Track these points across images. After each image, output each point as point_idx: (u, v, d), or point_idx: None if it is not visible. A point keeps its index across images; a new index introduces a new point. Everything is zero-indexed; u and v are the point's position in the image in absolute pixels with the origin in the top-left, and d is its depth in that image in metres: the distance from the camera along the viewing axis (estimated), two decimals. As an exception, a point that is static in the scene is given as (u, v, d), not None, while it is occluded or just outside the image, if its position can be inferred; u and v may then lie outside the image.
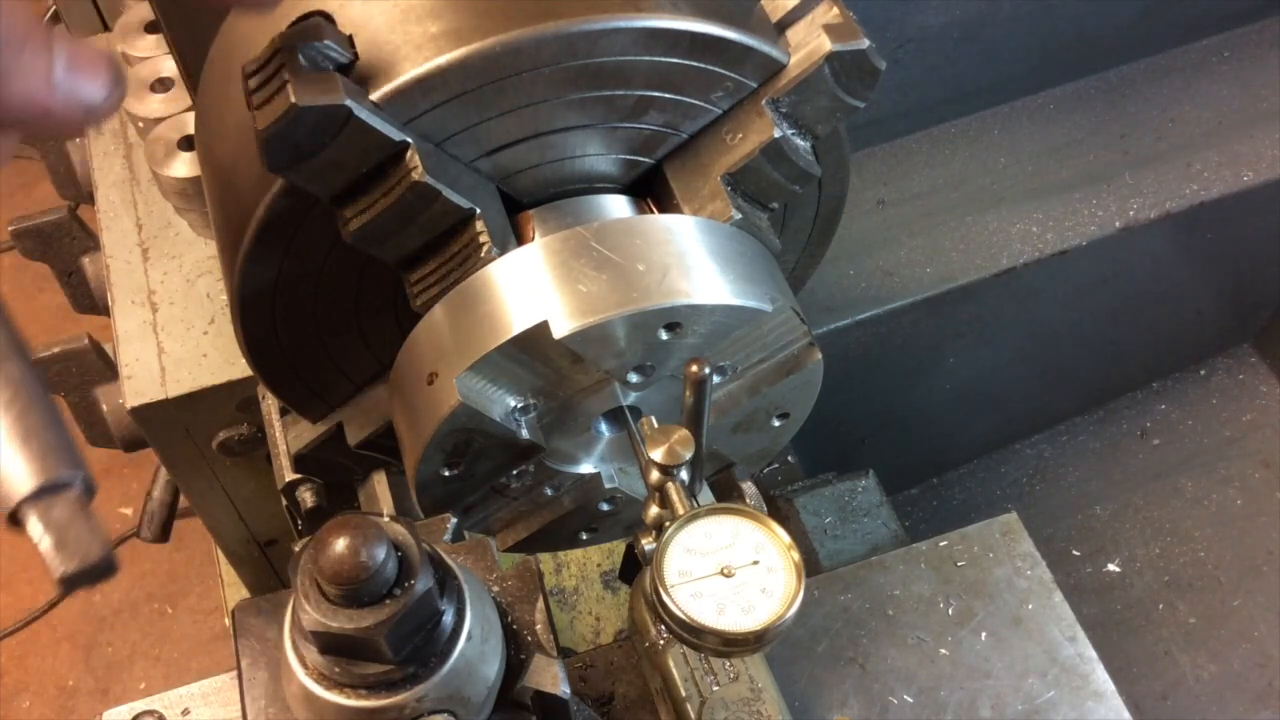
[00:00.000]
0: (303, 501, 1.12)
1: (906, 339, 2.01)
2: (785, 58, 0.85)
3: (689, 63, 0.83)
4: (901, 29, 1.92)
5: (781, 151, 0.86)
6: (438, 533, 0.87)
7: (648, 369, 0.84)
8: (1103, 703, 1.14)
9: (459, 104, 0.79)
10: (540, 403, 0.84)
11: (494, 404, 0.82)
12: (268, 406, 1.16)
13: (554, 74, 0.80)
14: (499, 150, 0.84)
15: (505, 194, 0.88)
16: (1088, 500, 2.43)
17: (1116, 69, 2.21)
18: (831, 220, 1.03)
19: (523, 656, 0.80)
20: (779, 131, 0.85)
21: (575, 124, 0.84)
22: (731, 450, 0.98)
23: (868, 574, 1.23)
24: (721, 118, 0.88)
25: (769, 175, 0.87)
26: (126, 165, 1.52)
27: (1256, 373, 2.55)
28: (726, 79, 0.85)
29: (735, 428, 0.94)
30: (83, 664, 2.69)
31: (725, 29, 0.82)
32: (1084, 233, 2.02)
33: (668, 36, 0.80)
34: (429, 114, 0.79)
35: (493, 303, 0.80)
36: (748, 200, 0.89)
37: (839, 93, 0.85)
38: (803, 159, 0.88)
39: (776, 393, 0.91)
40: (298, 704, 0.73)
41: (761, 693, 0.97)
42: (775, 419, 0.95)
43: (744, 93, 0.86)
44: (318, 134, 0.75)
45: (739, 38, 0.82)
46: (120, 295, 1.39)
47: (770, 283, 0.86)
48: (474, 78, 0.78)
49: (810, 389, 0.93)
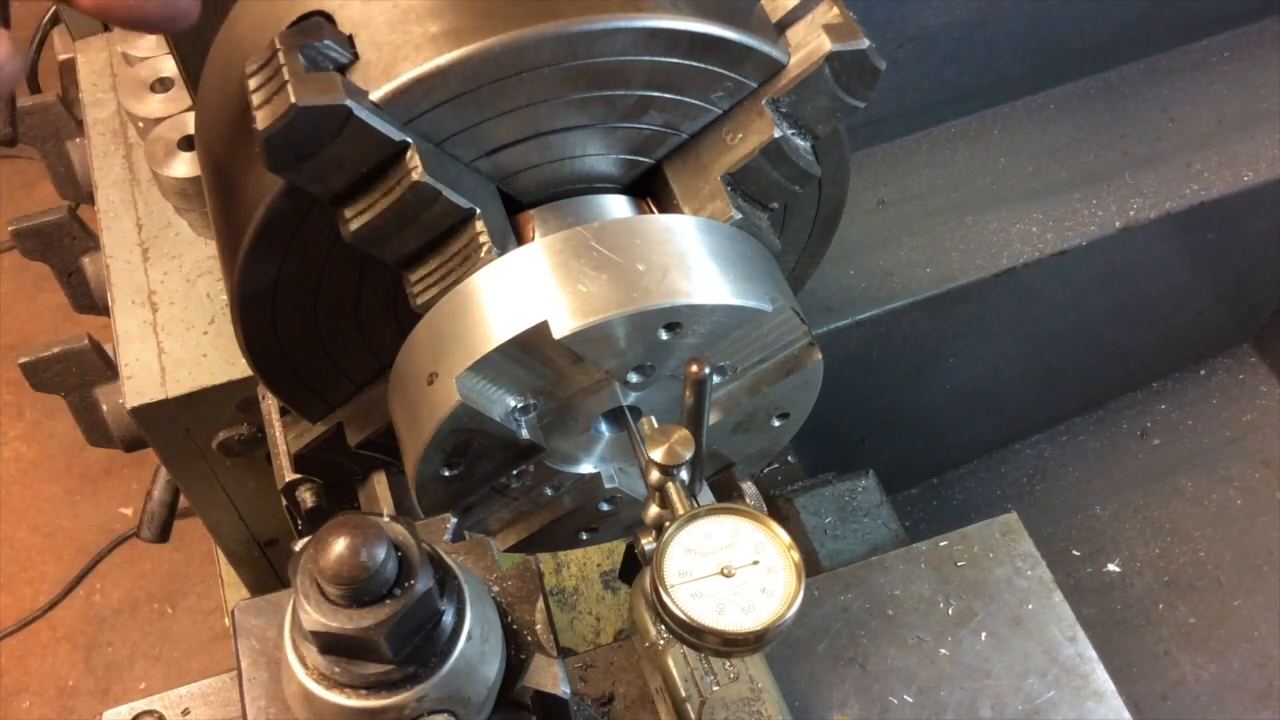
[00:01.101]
0: (303, 501, 1.12)
1: (906, 339, 2.01)
2: (785, 58, 0.85)
3: (689, 63, 0.82)
4: (901, 29, 1.92)
5: (781, 152, 0.86)
6: (438, 533, 0.86)
7: (648, 369, 0.84)
8: (1103, 703, 1.14)
9: (459, 104, 0.79)
10: (540, 403, 0.84)
11: (494, 404, 0.82)
12: (268, 406, 1.16)
13: (554, 74, 0.79)
14: (499, 150, 0.84)
15: (506, 194, 0.88)
16: (1088, 500, 2.43)
17: (1116, 69, 2.21)
18: (831, 220, 1.03)
19: (523, 656, 0.80)
20: (779, 131, 0.85)
21: (575, 124, 0.84)
22: (731, 450, 0.98)
23: (868, 574, 1.23)
24: (721, 118, 0.88)
25: (769, 175, 0.87)
26: (126, 165, 1.53)
27: (1256, 373, 2.55)
28: (726, 79, 0.85)
29: (735, 428, 0.94)
30: (83, 664, 2.69)
31: (725, 29, 0.82)
32: (1084, 233, 2.02)
33: (668, 36, 0.80)
34: (429, 114, 0.79)
35: (493, 303, 0.80)
36: (748, 200, 0.89)
37: (839, 93, 0.85)
38: (803, 159, 0.88)
39: (777, 393, 0.91)
40: (298, 704, 0.73)
41: (761, 693, 0.97)
42: (775, 419, 0.95)
43: (744, 93, 0.86)
44: (318, 134, 0.75)
45: (739, 38, 0.82)
46: (120, 295, 1.39)
47: (770, 283, 0.86)
48: (474, 78, 0.78)
49: (810, 389, 0.93)
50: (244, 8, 0.88)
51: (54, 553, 2.81)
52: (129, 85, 1.45)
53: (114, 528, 2.82)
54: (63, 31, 1.73)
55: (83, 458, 2.88)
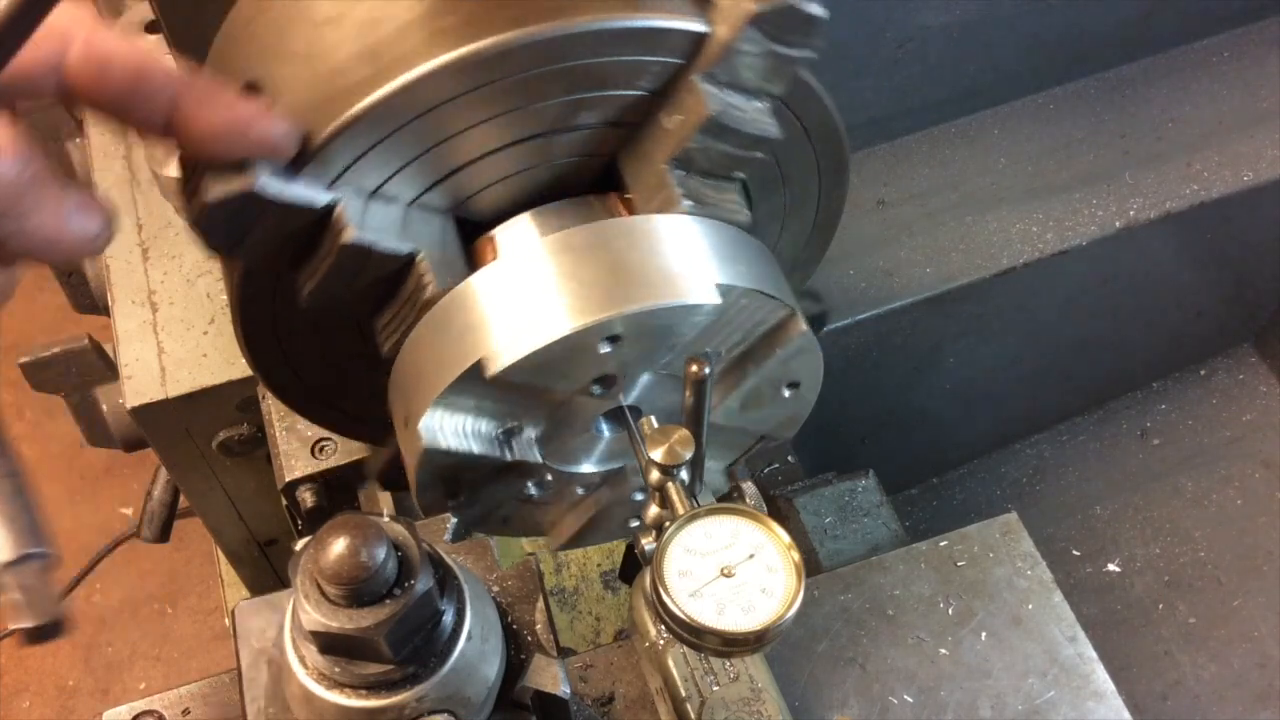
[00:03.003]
0: (303, 501, 1.13)
1: (906, 339, 2.01)
2: (706, 27, 0.81)
3: (602, 60, 0.80)
4: (901, 29, 1.91)
5: (722, 125, 0.82)
6: (438, 533, 0.87)
7: (608, 379, 0.82)
8: (1103, 703, 1.14)
9: (381, 151, 0.79)
10: (526, 421, 0.84)
11: (470, 438, 0.82)
12: (268, 406, 1.16)
13: (469, 101, 0.78)
14: (438, 184, 0.83)
15: (469, 219, 0.87)
16: (1088, 500, 2.43)
17: (1116, 69, 2.21)
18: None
19: (523, 656, 0.80)
20: (714, 106, 0.81)
21: (507, 142, 0.83)
22: (752, 424, 0.94)
23: (868, 574, 1.23)
24: (659, 100, 0.84)
25: (718, 149, 0.84)
26: (126, 165, 1.52)
27: (1256, 373, 2.55)
28: (649, 64, 0.81)
29: (744, 405, 0.91)
30: (83, 664, 2.69)
31: (625, 18, 0.78)
32: (1084, 233, 2.02)
33: (569, 42, 0.77)
34: (354, 167, 0.79)
35: (439, 344, 0.80)
36: (708, 176, 0.85)
37: (778, 49, 0.81)
38: (753, 125, 0.84)
39: (771, 368, 0.88)
40: (298, 704, 0.73)
41: (761, 693, 0.97)
42: (785, 389, 0.91)
43: (672, 71, 0.82)
44: (241, 218, 0.76)
45: (643, 23, 0.79)
46: (120, 295, 1.39)
47: (722, 267, 0.81)
48: (386, 123, 0.77)
49: (809, 356, 0.89)
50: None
51: (54, 553, 2.80)
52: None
53: (114, 528, 2.81)
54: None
55: (83, 458, 2.88)
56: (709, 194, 0.86)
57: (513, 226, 0.88)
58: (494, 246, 0.87)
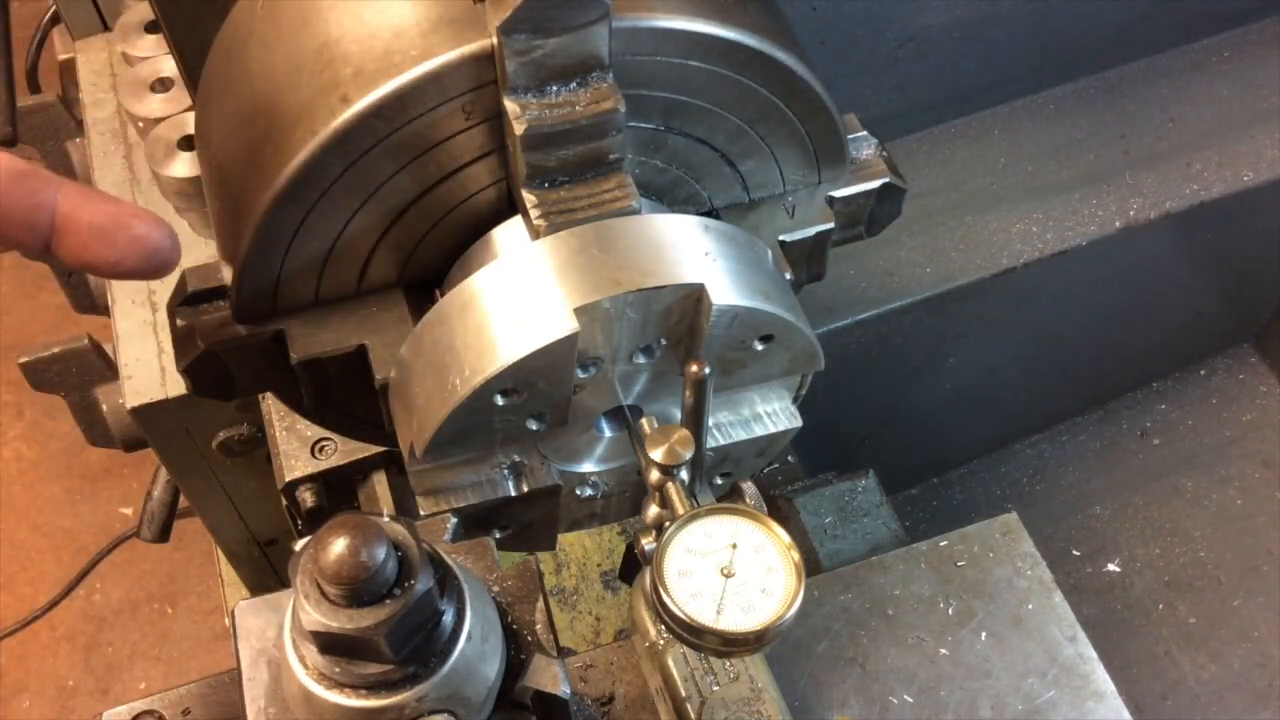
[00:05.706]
0: (303, 501, 1.13)
1: (906, 339, 2.01)
2: (477, 46, 0.76)
3: (413, 120, 0.78)
4: (902, 28, 1.92)
5: (544, 135, 0.77)
6: (438, 533, 0.87)
7: (541, 415, 0.81)
8: (1103, 703, 1.14)
9: (295, 273, 0.83)
10: (505, 455, 0.86)
11: (457, 489, 0.86)
12: (267, 406, 1.16)
13: (343, 186, 0.79)
14: (366, 271, 0.86)
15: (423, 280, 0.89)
16: (1088, 500, 2.43)
17: (1116, 69, 2.21)
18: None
19: (523, 656, 0.80)
20: (519, 126, 0.76)
21: (386, 226, 0.84)
22: (742, 383, 0.89)
23: (868, 574, 1.23)
24: (498, 123, 0.80)
25: (560, 155, 0.79)
26: (126, 165, 1.53)
27: (1256, 373, 2.55)
28: (456, 105, 0.78)
29: (722, 369, 0.85)
30: (83, 664, 2.70)
31: (413, 68, 0.76)
32: (1084, 233, 2.02)
33: (363, 127, 0.76)
34: (281, 291, 0.84)
35: (397, 420, 0.85)
36: (573, 179, 0.81)
37: (551, 34, 0.75)
38: (588, 117, 0.77)
39: (720, 332, 0.80)
40: (298, 704, 0.73)
41: (761, 693, 0.97)
42: (758, 343, 0.83)
43: (488, 98, 0.78)
44: (221, 372, 0.86)
45: (425, 69, 0.76)
46: (120, 295, 1.39)
47: (597, 274, 0.76)
48: (274, 234, 0.81)
49: (754, 313, 0.80)
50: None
51: (54, 553, 2.81)
52: (129, 85, 1.45)
53: (114, 528, 2.82)
54: (63, 31, 1.73)
55: (83, 458, 2.88)
56: (579, 198, 0.80)
57: (462, 267, 0.89)
58: None
